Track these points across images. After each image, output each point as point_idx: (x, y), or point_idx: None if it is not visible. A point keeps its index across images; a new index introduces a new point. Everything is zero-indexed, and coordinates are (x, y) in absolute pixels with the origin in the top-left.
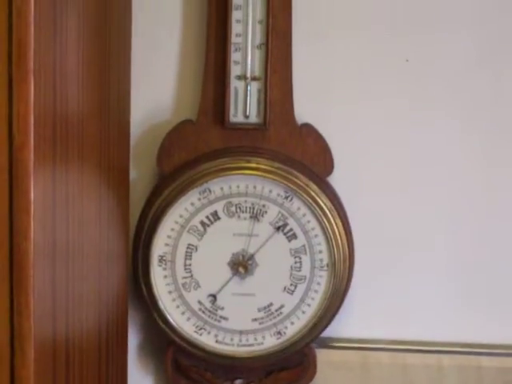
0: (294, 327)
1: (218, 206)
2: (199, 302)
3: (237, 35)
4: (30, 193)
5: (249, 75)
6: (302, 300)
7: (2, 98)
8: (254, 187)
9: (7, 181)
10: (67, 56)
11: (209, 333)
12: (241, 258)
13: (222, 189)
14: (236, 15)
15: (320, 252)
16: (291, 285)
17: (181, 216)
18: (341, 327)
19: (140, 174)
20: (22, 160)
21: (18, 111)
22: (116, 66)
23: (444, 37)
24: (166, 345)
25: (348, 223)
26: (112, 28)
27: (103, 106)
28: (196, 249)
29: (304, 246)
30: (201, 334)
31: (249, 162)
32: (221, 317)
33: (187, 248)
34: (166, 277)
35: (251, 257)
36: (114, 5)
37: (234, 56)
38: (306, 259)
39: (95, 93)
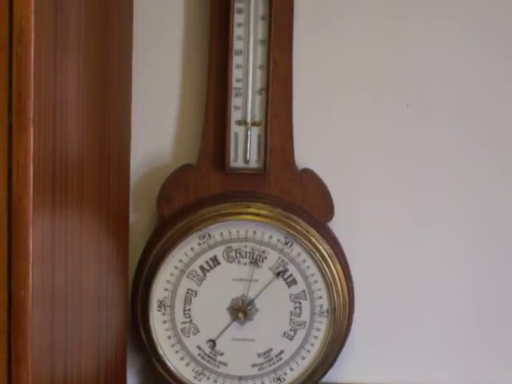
0: (293, 373)
1: (218, 251)
2: (198, 348)
3: (237, 80)
4: (29, 242)
5: (249, 120)
6: (301, 346)
7: (1, 147)
8: (254, 232)
9: (6, 230)
10: (67, 103)
11: (208, 378)
12: (240, 303)
13: (221, 234)
14: (236, 60)
15: (320, 298)
16: (291, 330)
17: (180, 261)
18: (340, 372)
19: (140, 217)
20: (21, 209)
21: (18, 161)
22: (116, 110)
23: (444, 83)
24: None
25: (348, 269)
26: (112, 73)
27: (103, 150)
28: (195, 294)
29: (304, 291)
30: (200, 380)
31: (249, 207)
32: (220, 362)
33: (186, 293)
34: (165, 322)
35: (251, 302)
36: (114, 50)
37: (235, 101)
38: (305, 305)
39: (95, 138)
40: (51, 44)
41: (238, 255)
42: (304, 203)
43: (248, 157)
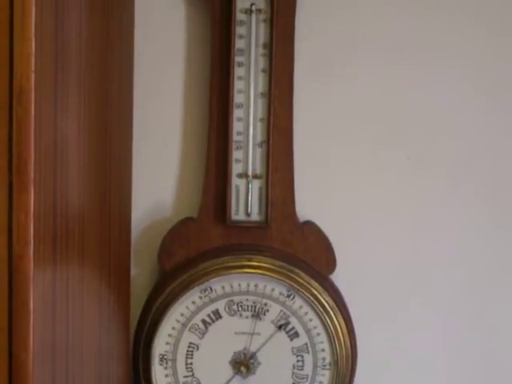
0: None
1: (220, 305)
2: None
3: (238, 133)
4: (30, 303)
5: (250, 173)
6: None
7: (2, 206)
8: (256, 286)
9: (6, 289)
10: (68, 160)
11: None
12: (242, 356)
13: (223, 287)
14: (237, 113)
15: (322, 350)
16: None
17: (182, 314)
18: None
19: (141, 271)
20: (21, 269)
21: (18, 220)
22: (117, 164)
23: (444, 136)
24: None
25: (351, 321)
26: (113, 128)
27: (104, 205)
28: (197, 347)
29: (306, 344)
30: None
31: (250, 260)
32: None
33: (188, 347)
34: (167, 376)
35: (253, 355)
36: (115, 106)
37: (236, 154)
38: (308, 358)
39: (96, 193)
40: (52, 102)
41: (240, 308)
42: (306, 255)
43: (249, 210)
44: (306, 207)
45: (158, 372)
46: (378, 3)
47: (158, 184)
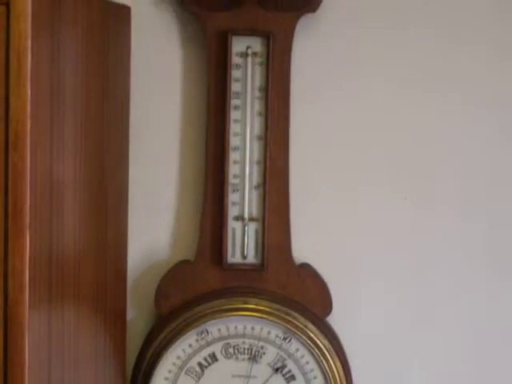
0: None
1: (216, 348)
2: None
3: (234, 176)
4: (25, 350)
5: (246, 216)
6: None
7: None
8: (253, 328)
9: (2, 335)
10: (64, 204)
11: None
12: None
13: (219, 330)
14: (233, 156)
15: None
16: None
17: (178, 357)
18: None
19: (138, 314)
20: (16, 316)
21: (14, 266)
22: (113, 207)
23: (441, 177)
24: None
25: (347, 364)
26: (109, 171)
27: (100, 247)
28: None
29: None
30: None
31: (247, 303)
32: None
33: None
34: None
35: None
36: (111, 153)
37: (232, 197)
38: None
39: (92, 236)
40: (47, 147)
41: (237, 351)
42: (302, 298)
43: (246, 252)
44: (303, 249)
45: None
46: (375, 41)
47: (154, 226)
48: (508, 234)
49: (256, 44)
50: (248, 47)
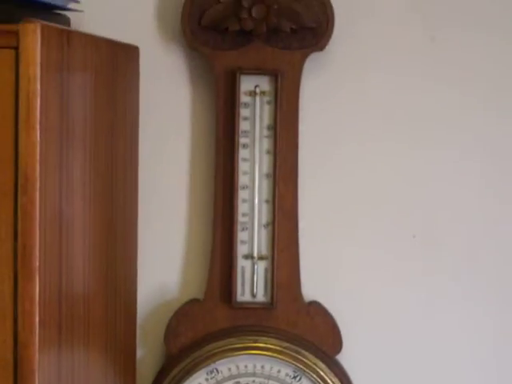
0: None
1: None
2: None
3: (243, 215)
4: None
5: (256, 254)
6: None
7: (7, 294)
8: (262, 367)
9: (12, 377)
10: (73, 245)
11: None
12: None
13: (229, 369)
14: (242, 195)
15: None
16: None
17: None
18: None
19: (147, 352)
20: (26, 358)
21: (24, 308)
22: (122, 245)
23: (449, 216)
24: None
25: None
26: (118, 211)
27: (110, 287)
28: None
29: None
30: None
31: (256, 341)
32: None
33: None
34: None
35: None
36: (120, 189)
37: (241, 235)
38: None
39: (101, 276)
40: (57, 190)
41: None
42: (312, 336)
43: (255, 291)
44: (312, 287)
45: None
46: (383, 80)
47: (163, 265)
48: None
49: (264, 82)
50: (256, 86)
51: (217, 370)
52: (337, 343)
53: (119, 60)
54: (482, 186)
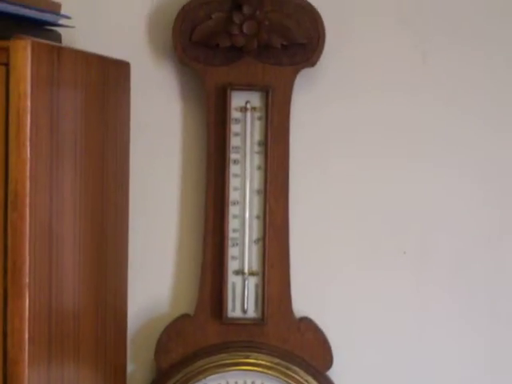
0: None
1: None
2: None
3: (234, 230)
4: None
5: (246, 270)
6: None
7: None
8: (253, 383)
9: None
10: (63, 261)
11: None
12: None
13: None
14: (233, 210)
15: None
16: None
17: None
18: None
19: (138, 368)
20: (16, 374)
21: (13, 326)
22: (113, 260)
23: (440, 232)
24: None
25: None
26: (108, 226)
27: (100, 303)
28: None
29: None
30: None
31: (247, 357)
32: None
33: None
34: None
35: None
36: (111, 204)
37: (232, 251)
38: None
39: (91, 291)
40: (47, 206)
41: None
42: (303, 352)
43: (246, 307)
44: (303, 303)
45: None
46: (374, 96)
47: (154, 281)
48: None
49: (255, 98)
50: (247, 102)
51: None
52: (327, 359)
53: (110, 76)
54: (474, 203)
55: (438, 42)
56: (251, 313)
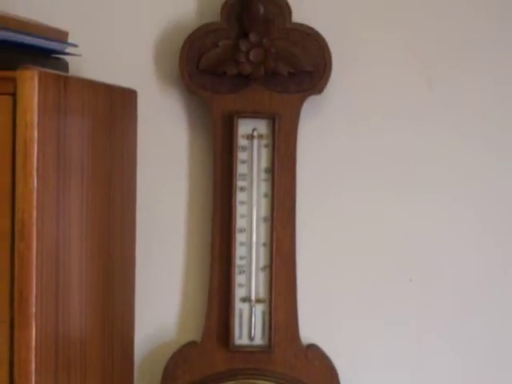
0: None
1: None
2: None
3: (241, 258)
4: None
5: (253, 297)
6: None
7: (3, 341)
8: None
9: None
10: (70, 289)
11: None
12: None
13: None
14: (240, 238)
15: None
16: None
17: None
18: None
19: None
20: None
21: (20, 356)
22: (120, 287)
23: (445, 261)
24: None
25: None
26: (115, 253)
27: (106, 330)
28: None
29: None
30: None
31: None
32: None
33: None
34: None
35: None
36: (118, 232)
37: (239, 278)
38: None
39: (98, 319)
40: (54, 235)
41: None
42: (310, 379)
43: (253, 334)
44: (310, 330)
45: None
46: (380, 123)
47: (161, 308)
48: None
49: (262, 126)
50: (254, 129)
51: None
52: None
53: (117, 104)
54: (478, 233)
55: (444, 69)
56: (258, 340)
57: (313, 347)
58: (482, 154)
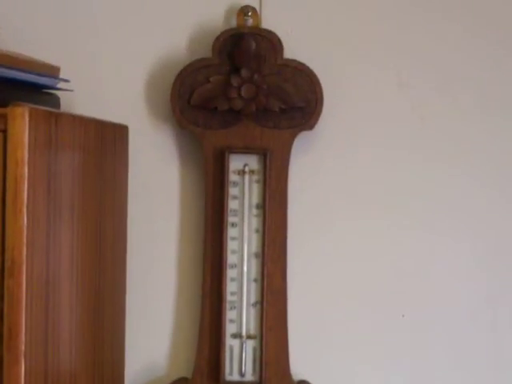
0: None
1: None
2: None
3: (232, 293)
4: None
5: (244, 333)
6: None
7: None
8: None
9: None
10: (59, 327)
11: None
12: None
13: None
14: (231, 273)
15: None
16: None
17: None
18: None
19: None
20: None
21: None
22: (110, 323)
23: (438, 295)
24: None
25: None
26: (106, 290)
27: (97, 367)
28: None
29: None
30: None
31: None
32: None
33: None
34: None
35: None
36: (108, 268)
37: (229, 314)
38: None
39: (88, 356)
40: (44, 272)
41: None
42: None
43: (243, 370)
44: (301, 366)
45: None
46: (372, 159)
47: (151, 343)
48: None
49: (253, 161)
50: (245, 165)
51: None
52: None
53: (108, 139)
54: (472, 267)
55: (436, 105)
56: (249, 376)
57: (304, 383)
58: (475, 190)
